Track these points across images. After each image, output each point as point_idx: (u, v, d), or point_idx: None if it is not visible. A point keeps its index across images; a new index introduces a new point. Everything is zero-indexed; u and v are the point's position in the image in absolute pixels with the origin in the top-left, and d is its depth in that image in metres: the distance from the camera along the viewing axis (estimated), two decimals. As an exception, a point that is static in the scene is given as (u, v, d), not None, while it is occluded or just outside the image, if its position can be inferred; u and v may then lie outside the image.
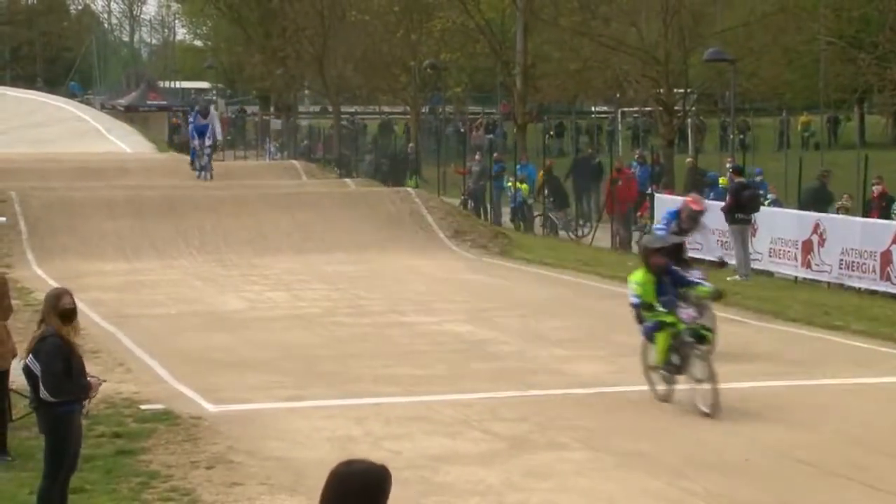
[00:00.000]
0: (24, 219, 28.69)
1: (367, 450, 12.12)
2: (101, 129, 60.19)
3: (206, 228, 28.89)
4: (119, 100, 73.61)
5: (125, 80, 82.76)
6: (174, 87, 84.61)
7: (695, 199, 19.16)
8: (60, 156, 45.76)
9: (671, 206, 19.42)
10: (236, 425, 13.71)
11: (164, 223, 28.86)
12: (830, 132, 56.03)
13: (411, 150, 47.68)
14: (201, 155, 39.08)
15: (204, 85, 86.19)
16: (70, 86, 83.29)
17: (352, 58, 54.80)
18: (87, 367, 10.44)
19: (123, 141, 57.33)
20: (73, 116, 63.39)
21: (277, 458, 12.48)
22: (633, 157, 39.65)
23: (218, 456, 12.54)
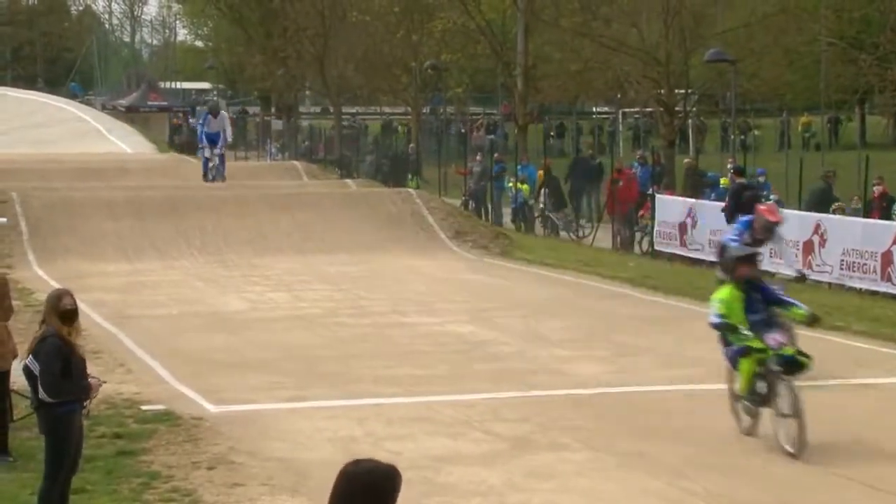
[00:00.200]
0: (25, 219, 28.67)
1: (369, 450, 12.12)
2: (101, 130, 60.26)
3: (207, 229, 28.88)
4: (120, 100, 73.65)
5: (126, 81, 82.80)
6: (175, 87, 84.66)
7: (770, 209, 17.56)
8: (61, 156, 45.80)
9: (744, 216, 17.82)
10: (237, 426, 13.72)
11: (165, 224, 28.84)
12: (831, 133, 56.05)
13: (412, 150, 47.69)
14: (213, 161, 36.82)
15: (205, 85, 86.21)
16: (70, 86, 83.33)
17: (353, 58, 54.79)
18: (88, 367, 10.45)
19: (124, 141, 57.39)
20: (74, 117, 63.45)
21: (279, 459, 12.49)
22: (635, 157, 39.66)
23: (219, 457, 12.55)
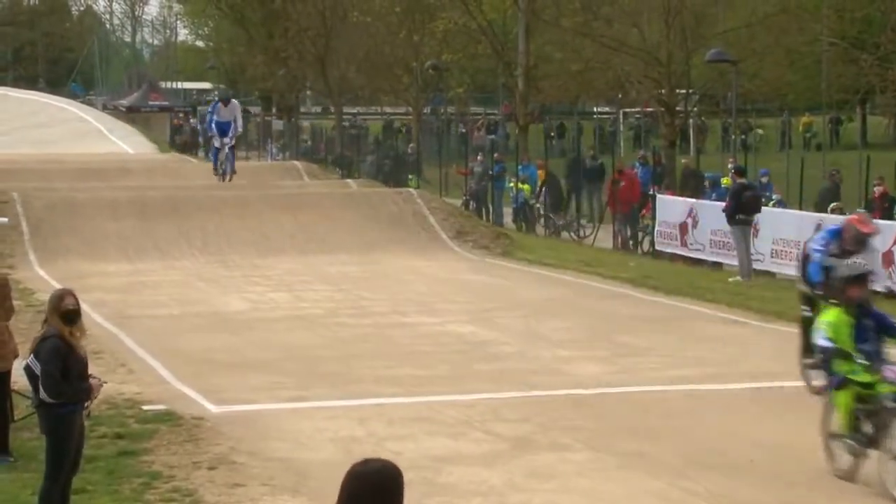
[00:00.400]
0: (27, 220, 28.66)
1: (370, 450, 12.11)
2: (103, 130, 60.31)
3: (208, 229, 28.87)
4: (121, 100, 73.71)
5: (127, 81, 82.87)
6: (176, 87, 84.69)
7: (863, 218, 16.18)
8: (62, 156, 45.82)
9: (832, 225, 16.79)
10: (238, 426, 13.72)
11: (166, 224, 28.84)
12: (832, 133, 56.06)
13: (412, 150, 47.70)
14: (223, 152, 35.57)
15: (206, 86, 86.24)
16: (71, 87, 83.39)
17: (354, 58, 54.83)
18: (89, 367, 10.45)
19: (125, 141, 57.43)
20: (76, 117, 63.51)
21: (280, 459, 12.49)
22: (636, 157, 39.66)
23: (220, 457, 12.55)
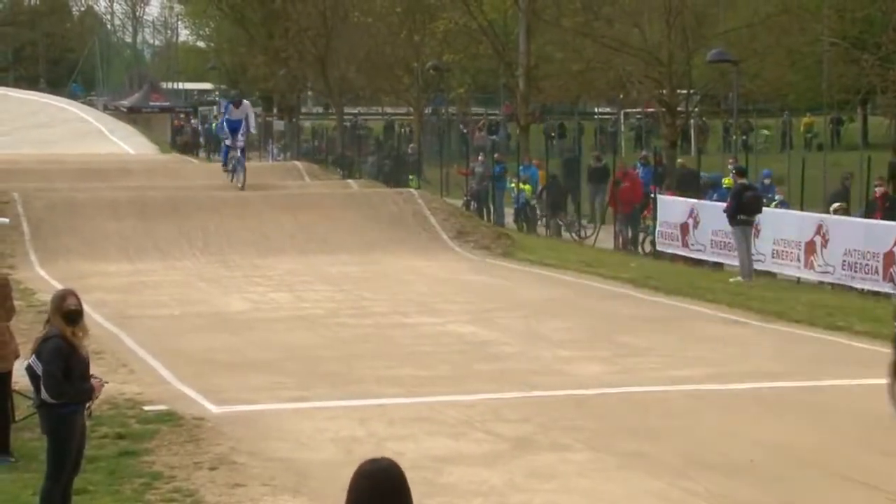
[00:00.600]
0: (27, 220, 28.68)
1: (371, 451, 12.10)
2: (103, 131, 60.26)
3: (209, 229, 28.89)
4: (122, 101, 73.67)
5: (128, 82, 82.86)
6: (177, 88, 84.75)
7: None
8: (63, 157, 45.79)
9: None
10: (239, 426, 13.72)
11: (167, 224, 28.85)
12: (833, 133, 56.02)
13: (413, 150, 47.70)
14: (234, 152, 34.99)
15: (207, 86, 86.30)
16: (72, 87, 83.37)
17: (354, 59, 54.83)
18: (90, 367, 10.45)
19: (126, 142, 57.39)
20: (76, 117, 63.46)
21: (281, 459, 12.49)
22: (637, 158, 39.63)
23: (221, 457, 12.55)
